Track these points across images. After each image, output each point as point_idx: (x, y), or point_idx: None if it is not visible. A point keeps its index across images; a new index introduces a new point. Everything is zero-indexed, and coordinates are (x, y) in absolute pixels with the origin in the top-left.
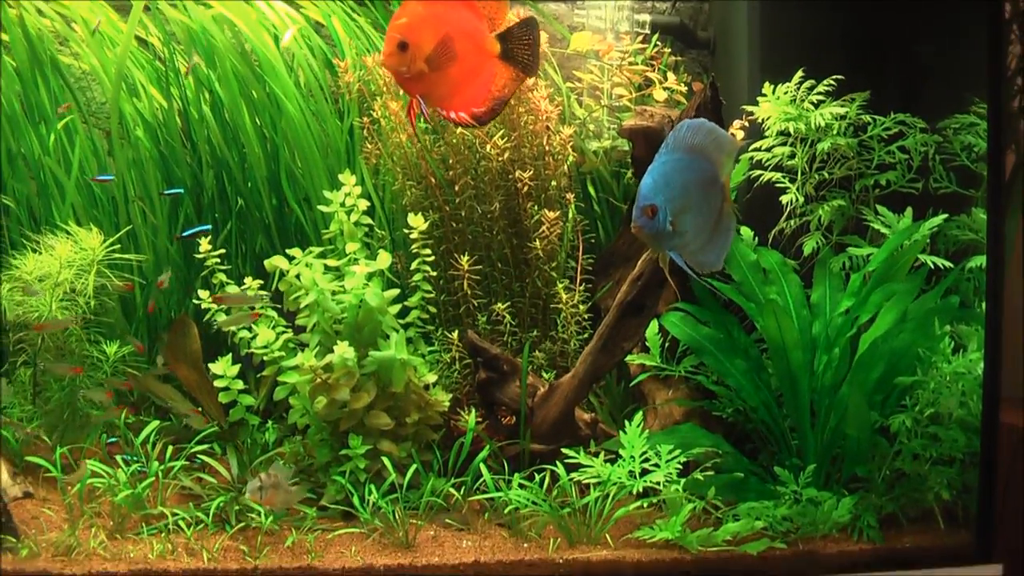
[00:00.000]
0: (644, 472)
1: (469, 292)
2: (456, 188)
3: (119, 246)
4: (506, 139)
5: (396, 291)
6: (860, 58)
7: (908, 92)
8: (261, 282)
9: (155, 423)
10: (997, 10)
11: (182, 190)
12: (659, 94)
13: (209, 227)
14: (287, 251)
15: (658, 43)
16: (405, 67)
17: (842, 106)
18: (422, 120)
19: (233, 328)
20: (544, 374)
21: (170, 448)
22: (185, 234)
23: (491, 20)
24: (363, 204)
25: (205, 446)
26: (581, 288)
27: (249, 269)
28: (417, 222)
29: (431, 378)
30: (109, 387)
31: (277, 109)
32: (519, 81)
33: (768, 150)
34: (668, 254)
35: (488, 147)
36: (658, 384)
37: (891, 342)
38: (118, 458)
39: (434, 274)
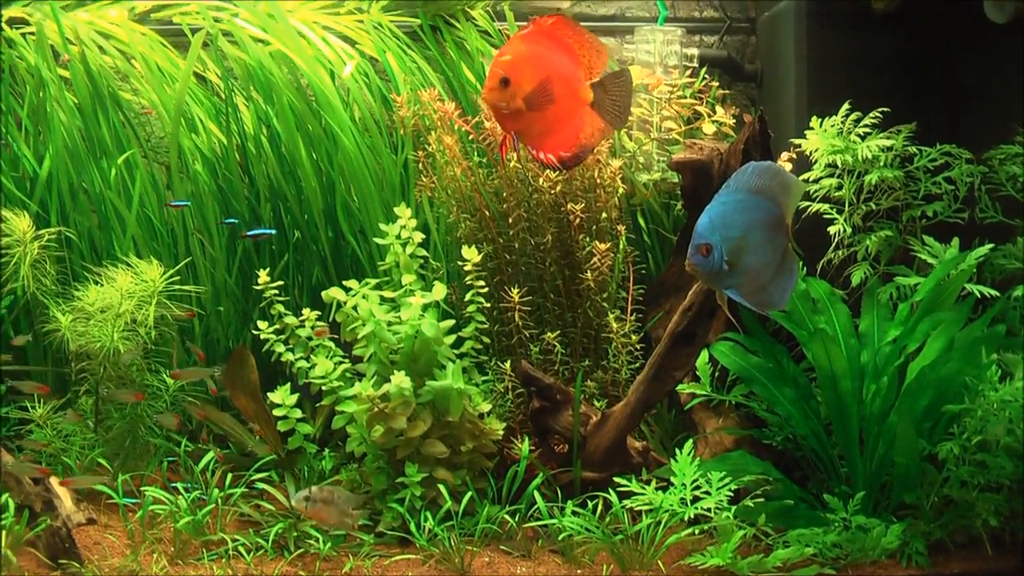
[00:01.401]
0: (695, 499)
1: (521, 323)
2: (509, 220)
3: (179, 278)
4: (558, 172)
5: (451, 322)
6: (906, 89)
7: (954, 122)
8: (319, 313)
9: (215, 450)
10: None
11: (237, 220)
12: (708, 127)
13: (274, 231)
14: (344, 283)
15: (706, 76)
16: (504, 103)
17: (888, 138)
18: (512, 156)
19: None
20: (596, 403)
21: (229, 476)
22: (251, 233)
23: (589, 68)
24: (418, 236)
25: (264, 474)
26: (632, 318)
27: (306, 300)
28: (471, 255)
29: (485, 407)
30: (177, 411)
31: (333, 143)
32: (606, 132)
33: (816, 181)
34: (724, 292)
35: (540, 180)
36: (708, 413)
37: (938, 371)
38: (179, 486)
39: (487, 305)
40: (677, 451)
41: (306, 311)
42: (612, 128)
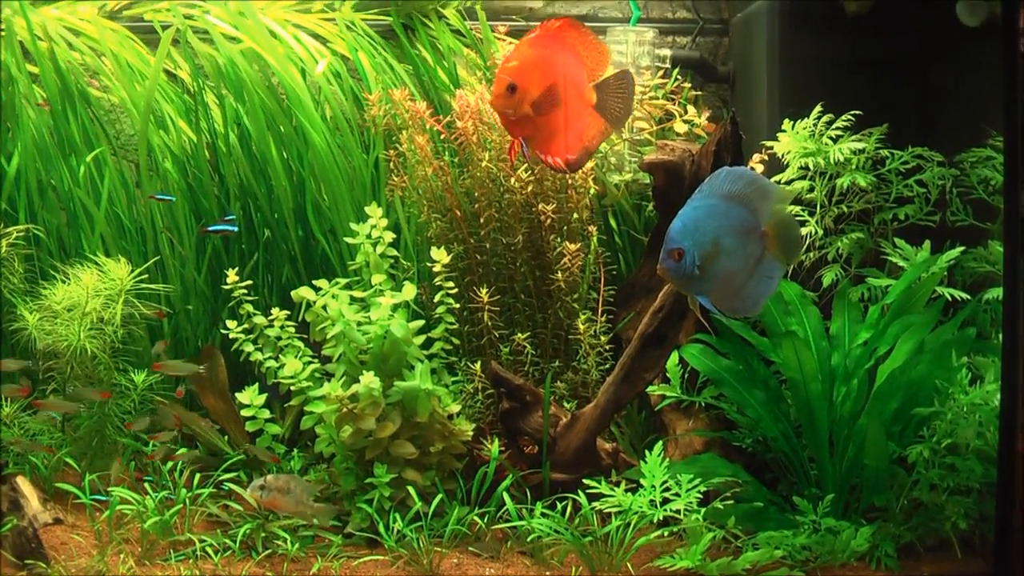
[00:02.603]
0: (665, 501)
1: (490, 323)
2: (481, 220)
3: (147, 276)
4: (529, 172)
5: (421, 322)
6: (878, 92)
7: (926, 125)
8: (288, 312)
9: (182, 450)
10: (1013, 43)
11: (173, 198)
12: (679, 126)
13: (236, 228)
14: (313, 282)
15: (679, 77)
16: (512, 109)
17: (860, 140)
18: (521, 159)
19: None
20: (566, 404)
21: (197, 475)
22: (211, 228)
23: (591, 70)
24: (389, 236)
25: (232, 474)
26: (602, 319)
27: (276, 300)
28: (440, 256)
29: (455, 408)
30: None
31: (304, 142)
32: (606, 133)
33: (788, 183)
34: (697, 299)
35: (512, 180)
36: (678, 414)
37: (909, 373)
38: (148, 480)
39: (457, 306)
40: (647, 452)
41: (275, 311)
42: (613, 129)
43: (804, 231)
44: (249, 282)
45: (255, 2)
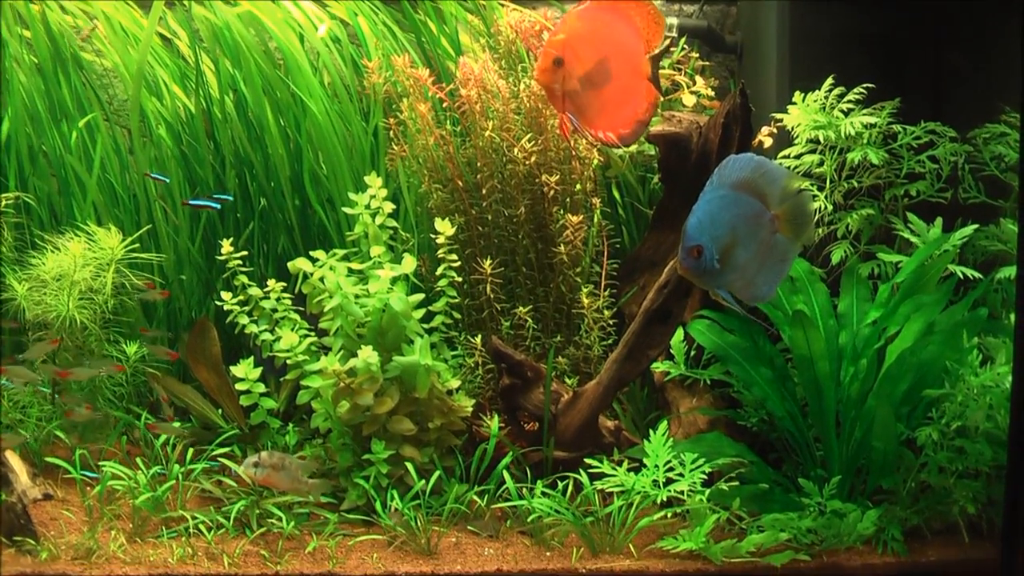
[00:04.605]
0: (668, 481)
1: (492, 296)
2: (483, 191)
3: (139, 245)
4: (533, 143)
5: (420, 296)
6: (890, 65)
7: (938, 100)
8: (284, 284)
9: (175, 424)
10: None
11: (168, 179)
12: (687, 98)
13: (219, 206)
14: (310, 253)
15: (685, 47)
16: (558, 84)
17: (872, 114)
18: (575, 136)
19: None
20: (567, 380)
21: (190, 451)
22: (192, 202)
23: (647, 42)
24: (388, 207)
25: (225, 449)
26: (605, 293)
27: (271, 271)
28: (445, 228)
29: (454, 383)
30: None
31: (302, 109)
32: (657, 104)
33: (797, 157)
34: (718, 292)
35: (515, 151)
36: (682, 392)
37: (919, 354)
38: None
39: (459, 279)
40: (651, 431)
41: (271, 282)
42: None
43: (813, 206)
44: (244, 252)
45: None
